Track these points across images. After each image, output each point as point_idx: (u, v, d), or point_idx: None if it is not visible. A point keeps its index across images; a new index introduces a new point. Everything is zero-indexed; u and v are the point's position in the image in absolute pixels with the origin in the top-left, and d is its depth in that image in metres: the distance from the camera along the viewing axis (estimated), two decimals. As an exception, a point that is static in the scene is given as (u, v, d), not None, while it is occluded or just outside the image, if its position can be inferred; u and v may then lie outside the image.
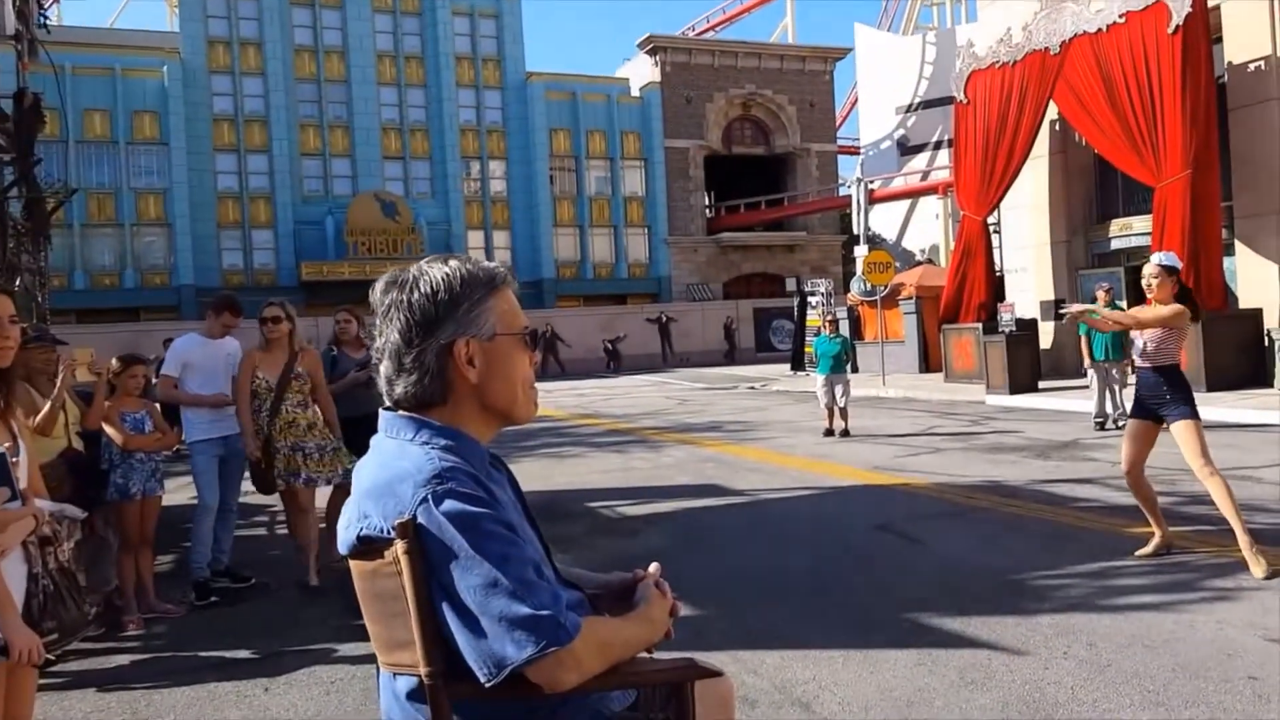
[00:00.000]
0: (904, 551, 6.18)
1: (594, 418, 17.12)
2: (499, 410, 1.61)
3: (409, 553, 1.43)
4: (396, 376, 1.56)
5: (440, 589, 1.43)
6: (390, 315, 1.56)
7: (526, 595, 1.41)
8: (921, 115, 47.83)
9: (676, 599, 1.73)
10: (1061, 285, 19.46)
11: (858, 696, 3.75)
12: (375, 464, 1.56)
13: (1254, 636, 4.13)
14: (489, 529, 1.43)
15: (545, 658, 1.39)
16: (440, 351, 1.54)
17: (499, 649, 1.40)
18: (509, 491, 1.62)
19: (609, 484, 9.45)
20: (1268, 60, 15.43)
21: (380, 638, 1.56)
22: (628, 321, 39.15)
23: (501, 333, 1.58)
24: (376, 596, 1.53)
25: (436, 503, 1.43)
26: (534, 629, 1.40)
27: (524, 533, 1.53)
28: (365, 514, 1.50)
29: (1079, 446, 10.45)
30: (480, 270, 1.60)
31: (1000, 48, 18.64)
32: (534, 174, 45.88)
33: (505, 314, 1.59)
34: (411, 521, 1.43)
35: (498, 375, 1.58)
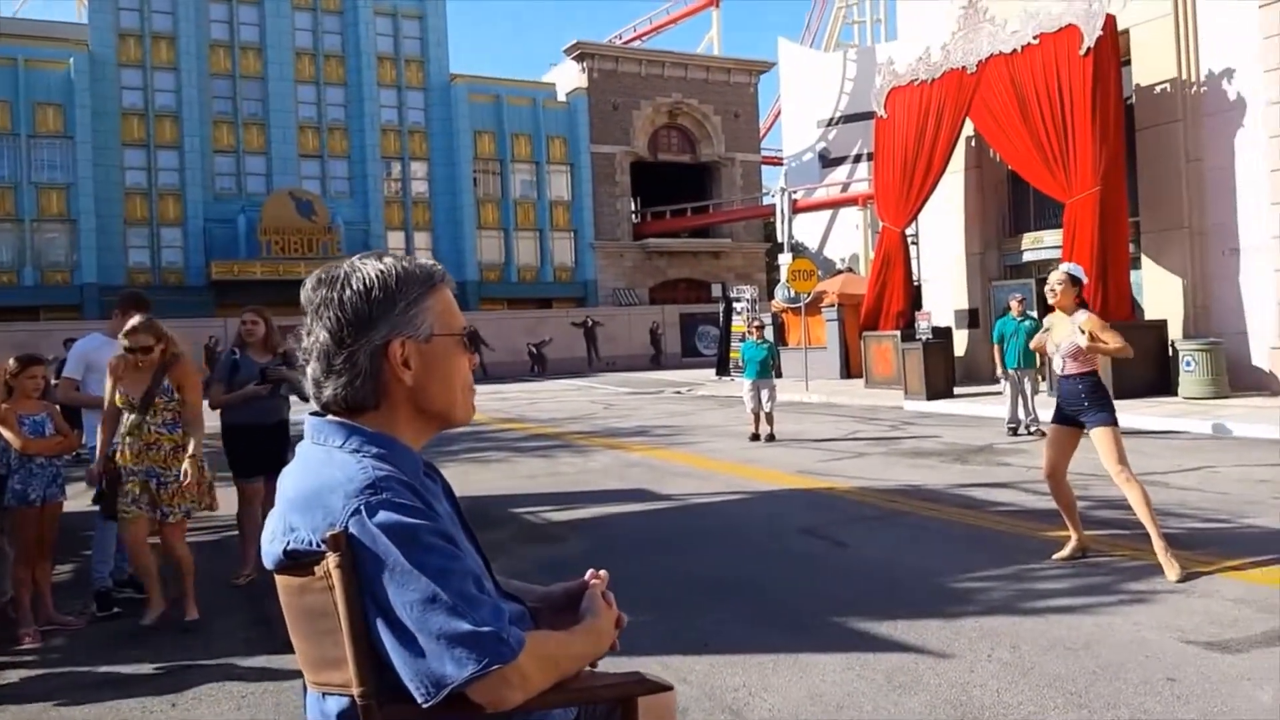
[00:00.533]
0: (830, 555, 6.22)
1: (518, 422, 16.96)
2: (436, 413, 1.52)
3: (341, 567, 1.34)
4: (325, 379, 1.47)
5: (374, 605, 1.34)
6: (320, 313, 1.47)
7: (467, 610, 1.33)
8: (842, 129, 48.74)
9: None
10: (975, 295, 19.98)
11: (788, 701, 3.74)
12: (301, 473, 1.46)
13: (1170, 638, 4.24)
14: (427, 541, 1.35)
15: (488, 676, 1.32)
16: (374, 352, 1.45)
17: (438, 668, 1.31)
18: (445, 502, 1.53)
19: (534, 489, 9.35)
20: (1173, 83, 16.10)
21: (308, 656, 1.46)
22: (553, 325, 38.96)
23: (439, 333, 1.50)
24: (305, 613, 1.43)
25: (370, 514, 1.34)
26: (475, 646, 1.31)
27: (463, 545, 1.45)
28: (292, 526, 1.40)
29: (994, 451, 10.70)
30: (417, 268, 1.52)
31: (919, 66, 19.10)
32: (457, 176, 45.43)
33: (443, 314, 1.52)
34: (343, 534, 1.34)
35: (435, 377, 1.49)
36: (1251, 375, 14.91)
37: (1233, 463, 9.12)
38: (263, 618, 5.24)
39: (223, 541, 7.31)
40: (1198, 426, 11.76)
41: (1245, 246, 15.36)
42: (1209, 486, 7.87)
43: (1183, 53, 16.04)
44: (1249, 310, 15.32)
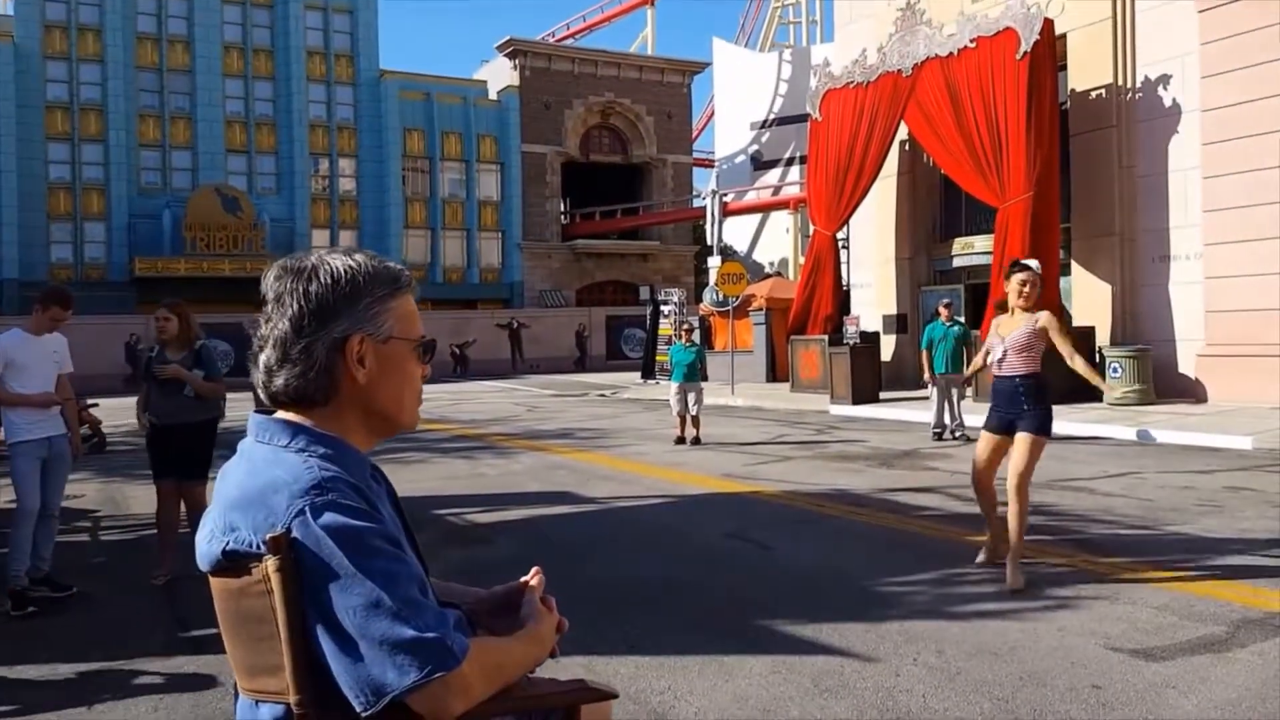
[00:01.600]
0: (756, 559, 6.12)
1: (440, 423, 16.62)
2: (383, 416, 1.51)
3: (281, 570, 1.30)
4: (279, 367, 1.44)
5: (315, 609, 1.31)
6: (283, 301, 1.45)
7: (411, 617, 1.29)
8: (775, 131, 49.12)
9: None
10: (905, 300, 20.21)
11: (713, 705, 3.65)
12: (244, 471, 1.42)
13: (1096, 645, 4.21)
14: (372, 545, 1.31)
15: (430, 684, 1.27)
16: (331, 346, 1.43)
17: (379, 675, 1.27)
18: (389, 505, 1.50)
19: (457, 491, 9.10)
20: (1109, 89, 16.40)
21: (242, 662, 1.42)
22: (477, 326, 38.50)
23: (398, 336, 1.49)
24: (241, 617, 1.39)
25: (315, 515, 1.30)
26: (419, 653, 1.28)
27: (406, 549, 1.40)
28: (232, 526, 1.36)
29: (919, 456, 10.76)
30: (385, 269, 1.51)
31: (855, 68, 19.19)
32: (385, 173, 44.77)
33: (404, 318, 1.51)
34: (285, 535, 1.30)
35: (387, 380, 1.48)
36: (1178, 382, 15.27)
37: (1157, 469, 9.28)
38: (181, 619, 5.09)
39: (139, 540, 7.09)
40: (1123, 433, 11.99)
41: (1175, 254, 15.71)
42: (1134, 493, 7.97)
43: (1119, 59, 16.31)
44: (1177, 318, 15.67)
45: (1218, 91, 14.61)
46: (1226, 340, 14.48)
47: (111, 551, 5.67)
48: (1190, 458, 10.01)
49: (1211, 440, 10.95)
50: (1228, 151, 14.46)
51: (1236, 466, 9.29)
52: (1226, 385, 14.32)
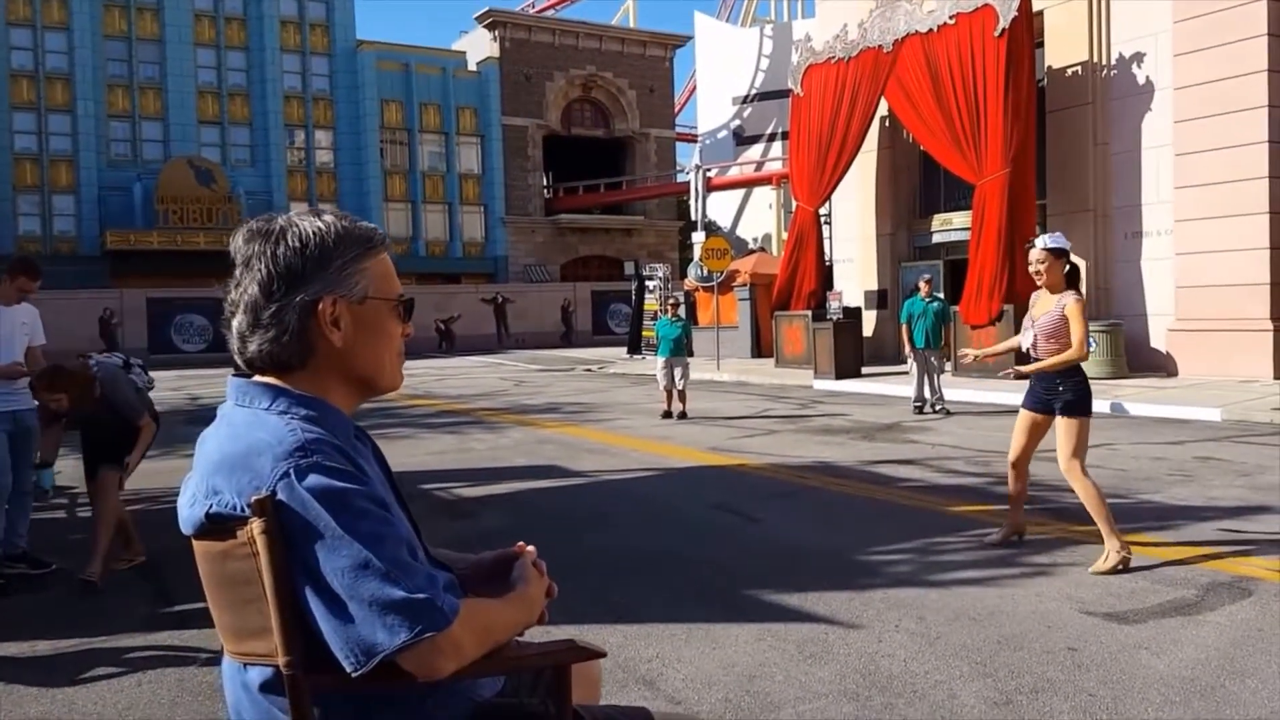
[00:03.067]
0: (742, 530, 6.26)
1: (426, 398, 16.67)
2: (362, 378, 1.49)
3: (267, 532, 1.30)
4: (251, 332, 1.43)
5: (303, 571, 1.31)
6: (251, 265, 1.43)
7: (401, 577, 1.30)
8: (757, 107, 49.01)
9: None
10: (886, 276, 20.36)
11: (701, 672, 3.75)
12: (225, 435, 1.40)
13: (1071, 609, 4.37)
14: (359, 506, 1.31)
15: (420, 644, 1.29)
16: (303, 309, 1.41)
17: (369, 635, 1.28)
18: (375, 466, 1.49)
19: (444, 465, 9.19)
20: (1085, 66, 16.52)
21: (229, 626, 1.42)
22: (462, 301, 38.43)
23: (374, 296, 1.47)
24: (227, 581, 1.39)
25: (300, 478, 1.30)
26: (409, 613, 1.29)
27: (395, 510, 1.41)
28: (215, 489, 1.35)
29: (901, 429, 10.93)
30: (356, 229, 1.48)
31: (836, 44, 19.23)
32: (364, 145, 44.38)
33: (380, 277, 1.49)
34: (271, 498, 1.30)
35: (365, 340, 1.46)
36: (1150, 356, 15.52)
37: (1130, 440, 9.49)
38: (164, 594, 5.09)
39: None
40: (1097, 406, 12.05)
41: (1148, 230, 15.91)
42: (1108, 464, 8.16)
43: (1094, 36, 16.42)
44: (1149, 293, 15.90)
45: (1189, 69, 14.76)
46: (1196, 315, 14.72)
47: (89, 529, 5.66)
48: (1162, 429, 10.23)
49: (1182, 413, 11.18)
50: (1199, 129, 14.63)
51: (1206, 438, 9.51)
52: (1196, 359, 14.57)
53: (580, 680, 1.64)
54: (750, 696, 3.51)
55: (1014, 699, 3.42)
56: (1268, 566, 4.91)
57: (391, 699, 1.40)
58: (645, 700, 3.44)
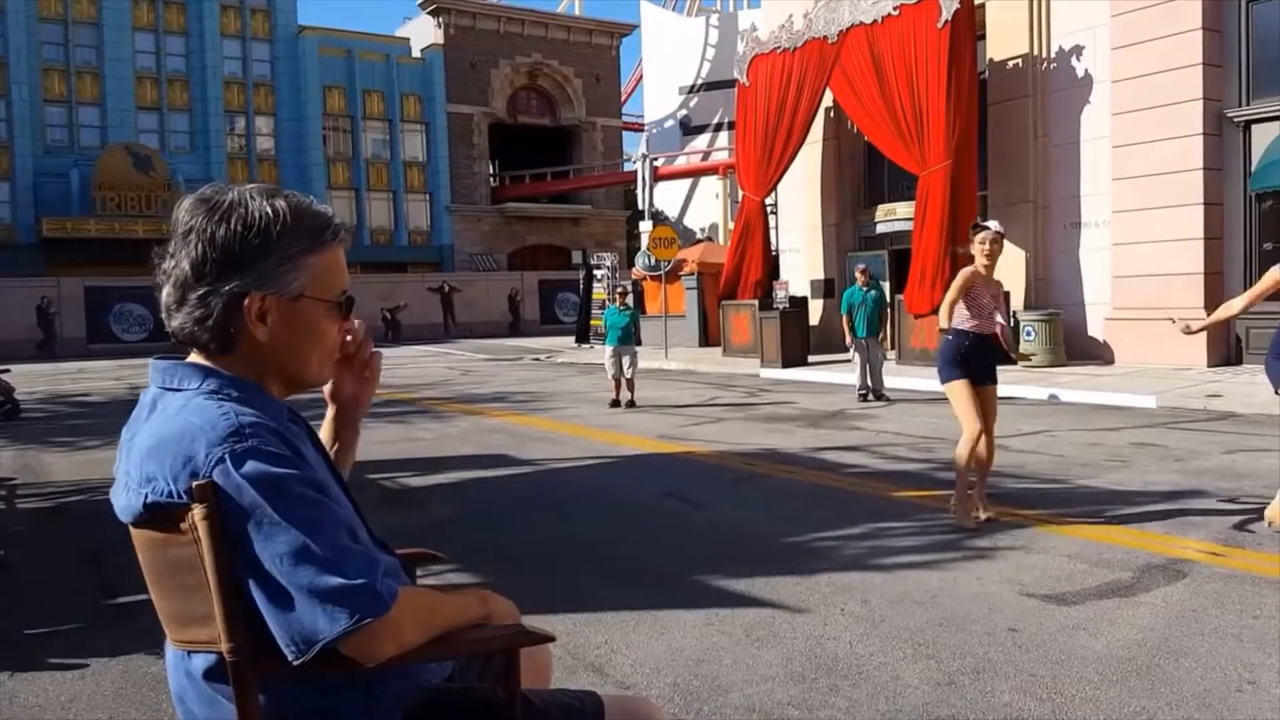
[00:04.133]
0: (690, 516, 6.28)
1: (372, 388, 16.47)
2: (285, 374, 1.46)
3: (209, 518, 1.28)
4: (176, 308, 1.39)
5: (242, 559, 1.29)
6: (189, 240, 1.36)
7: (340, 563, 1.28)
8: (704, 96, 49.07)
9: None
10: (831, 265, 20.54)
11: (649, 657, 3.76)
12: (157, 420, 1.36)
13: (1012, 592, 4.45)
14: (296, 491, 1.29)
15: (361, 630, 1.28)
16: (230, 299, 1.36)
17: (309, 623, 1.27)
18: (312, 448, 1.46)
19: (391, 455, 9.08)
20: (1025, 59, 16.77)
21: (171, 613, 1.40)
22: (408, 290, 38.04)
23: (310, 295, 1.41)
24: (168, 568, 1.36)
25: (236, 463, 1.27)
26: (348, 600, 1.28)
27: (334, 493, 1.39)
28: (149, 477, 1.32)
29: (846, 416, 11.05)
30: (309, 220, 1.42)
31: (782, 34, 19.31)
32: (305, 133, 43.65)
33: (322, 274, 1.42)
34: (209, 484, 1.27)
35: (292, 339, 1.42)
36: (1087, 345, 15.85)
37: (1068, 427, 9.69)
38: (107, 587, 4.98)
39: (59, 508, 6.96)
40: (1036, 393, 12.45)
41: (1086, 221, 16.22)
42: (1047, 450, 8.33)
43: (1035, 29, 16.66)
44: (1087, 283, 16.22)
45: (1127, 63, 15.06)
46: (1132, 304, 15.07)
47: (30, 520, 5.53)
48: (1099, 416, 10.46)
49: (1119, 399, 11.45)
50: (1136, 121, 14.95)
51: (1142, 424, 9.76)
52: (1132, 347, 14.92)
53: (530, 666, 1.64)
54: (698, 680, 3.53)
55: (956, 679, 3.48)
56: (1201, 549, 5.05)
57: (336, 683, 1.39)
58: (594, 686, 3.43)
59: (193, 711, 1.42)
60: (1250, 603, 4.18)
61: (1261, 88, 14.19)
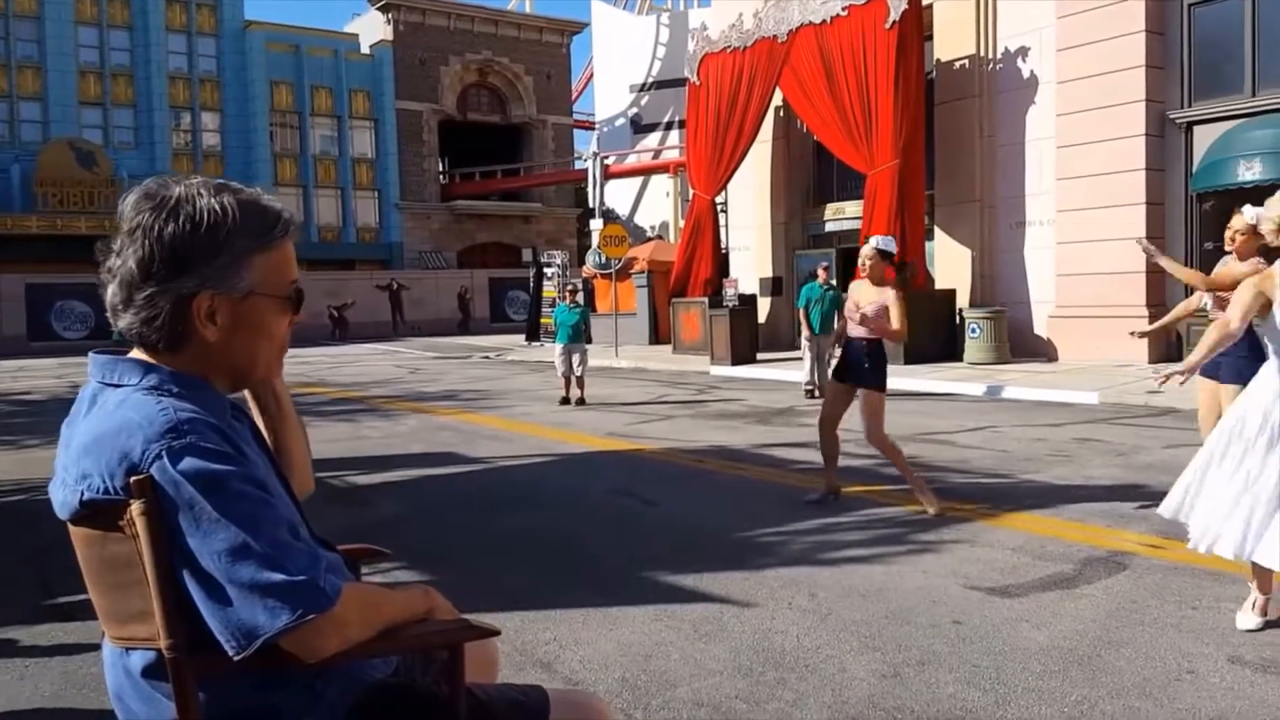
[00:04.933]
0: (640, 513, 6.27)
1: (319, 386, 16.24)
2: (234, 371, 1.45)
3: (146, 514, 1.27)
4: (124, 308, 1.36)
5: (180, 556, 1.28)
6: (136, 237, 1.34)
7: (281, 559, 1.28)
8: (655, 95, 49.04)
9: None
10: (780, 264, 20.67)
11: (597, 653, 3.75)
12: (95, 416, 1.35)
13: (956, 584, 4.50)
14: (235, 488, 1.29)
15: (303, 626, 1.27)
16: (179, 300, 1.34)
17: (249, 619, 1.26)
18: (254, 445, 1.44)
19: (337, 453, 8.94)
20: (972, 60, 17.01)
21: (109, 610, 1.39)
22: (356, 288, 37.58)
23: (260, 292, 1.40)
24: (106, 564, 1.36)
25: (174, 460, 1.27)
26: (289, 596, 1.27)
27: (275, 490, 1.37)
28: (85, 473, 1.31)
29: (794, 413, 11.11)
30: (257, 218, 1.40)
31: (732, 33, 19.39)
32: (252, 129, 42.95)
33: (272, 270, 1.41)
34: (146, 480, 1.26)
35: (241, 337, 1.40)
36: (1032, 342, 16.12)
37: (1012, 423, 9.83)
38: (47, 586, 4.87)
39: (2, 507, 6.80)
40: (981, 390, 12.63)
41: (1030, 220, 16.50)
42: (991, 445, 8.46)
43: (982, 30, 16.90)
44: (1031, 281, 16.50)
45: (1071, 64, 15.35)
46: (1075, 302, 15.37)
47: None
48: (1042, 412, 10.64)
49: (1062, 396, 11.66)
50: (1079, 122, 15.24)
51: (1084, 420, 9.94)
52: (1075, 345, 15.21)
53: (476, 661, 1.64)
54: (646, 675, 3.51)
55: (901, 671, 3.50)
56: (1141, 541, 5.15)
57: (278, 679, 1.37)
58: (542, 682, 3.36)
59: (132, 710, 1.41)
60: (1189, 594, 4.27)
61: (1202, 90, 14.54)
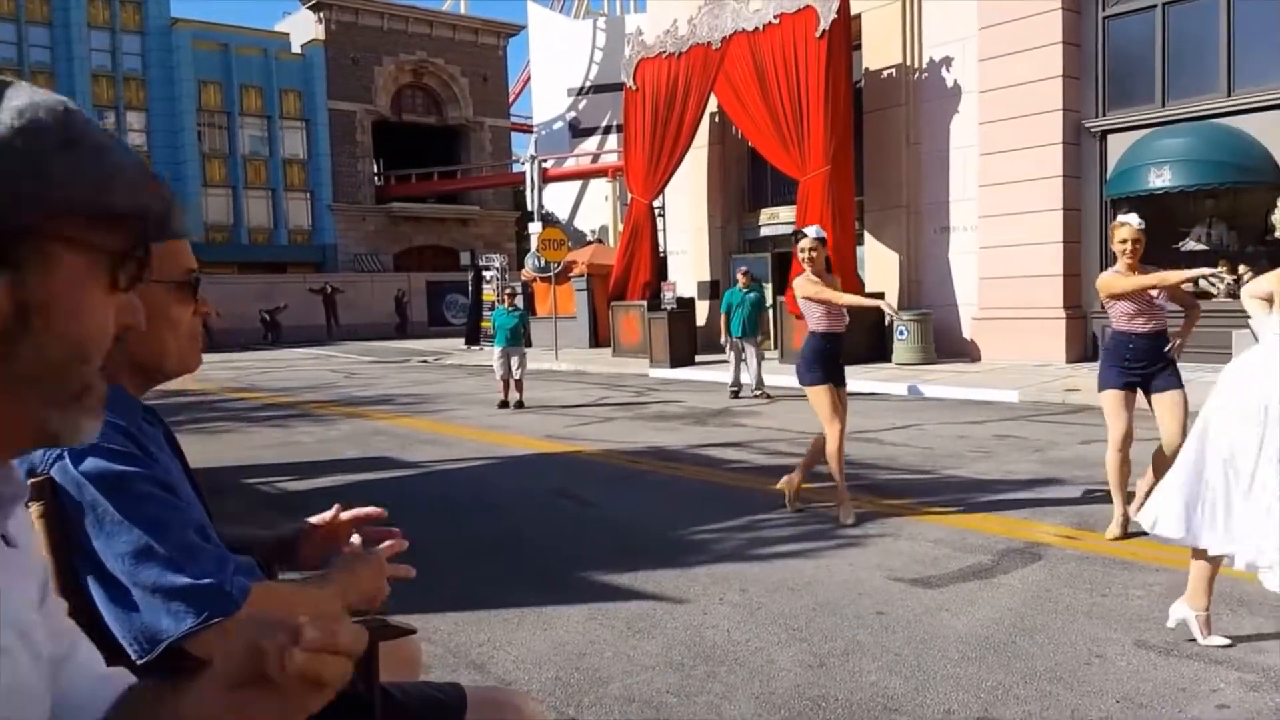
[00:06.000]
0: (577, 514, 6.34)
1: (250, 391, 15.98)
2: (145, 365, 1.40)
3: (44, 516, 1.25)
4: None
5: (83, 558, 1.26)
6: None
7: (186, 562, 1.27)
8: (592, 99, 49.10)
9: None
10: (717, 267, 20.89)
11: (531, 653, 3.80)
12: None
13: (880, 577, 4.66)
14: (140, 490, 1.27)
15: (208, 629, 1.26)
16: None
17: (153, 623, 1.25)
18: (166, 448, 1.43)
19: (269, 459, 8.86)
20: (898, 69, 17.38)
21: None
22: (289, 291, 36.93)
23: (154, 279, 1.35)
24: None
25: (75, 460, 1.25)
26: (194, 599, 1.26)
27: (184, 493, 1.37)
28: None
29: (730, 414, 11.27)
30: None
31: (667, 39, 19.54)
32: (180, 129, 41.94)
33: (163, 257, 1.35)
34: (46, 480, 1.24)
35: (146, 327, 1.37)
36: (957, 343, 16.53)
37: (937, 421, 10.12)
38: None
39: None
40: (900, 389, 12.94)
41: (954, 226, 16.92)
42: (916, 442, 8.70)
43: (907, 40, 17.28)
44: (956, 285, 16.91)
45: (993, 74, 15.77)
46: (998, 305, 15.81)
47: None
48: (966, 410, 10.96)
49: (984, 395, 12.00)
50: (1001, 130, 15.68)
51: (1005, 417, 10.27)
52: (997, 345, 15.65)
53: (396, 660, 1.64)
54: (579, 673, 3.58)
55: (827, 661, 3.63)
56: (1056, 533, 5.37)
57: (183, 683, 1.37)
58: (475, 682, 3.45)
59: None
60: (1100, 582, 4.48)
61: (1116, 99, 15.05)
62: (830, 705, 3.26)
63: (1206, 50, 13.85)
